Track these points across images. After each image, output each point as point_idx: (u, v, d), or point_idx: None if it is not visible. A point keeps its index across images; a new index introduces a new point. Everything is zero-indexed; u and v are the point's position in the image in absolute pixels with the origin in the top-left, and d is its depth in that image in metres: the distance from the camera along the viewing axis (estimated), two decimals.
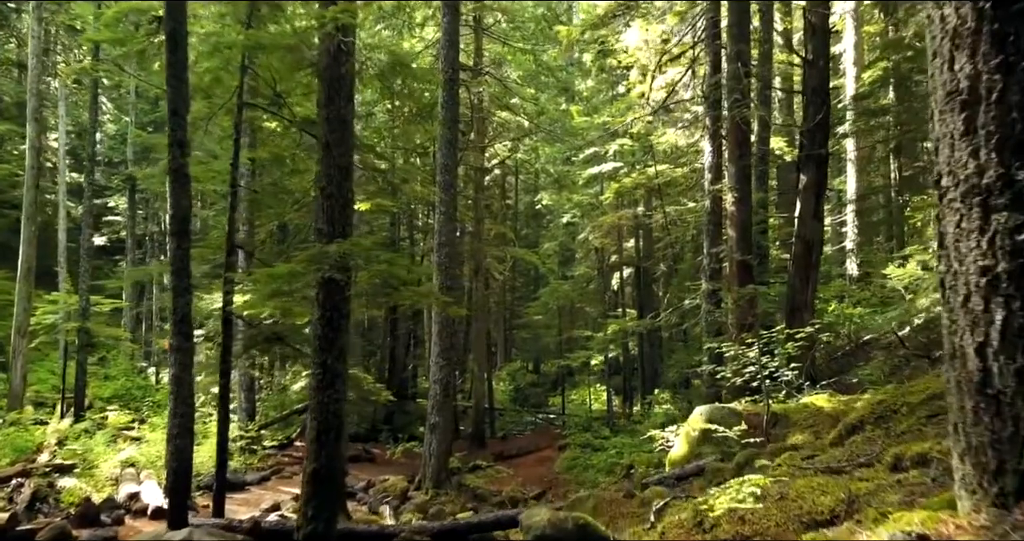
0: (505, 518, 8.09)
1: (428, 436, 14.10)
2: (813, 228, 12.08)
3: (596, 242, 24.84)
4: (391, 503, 12.91)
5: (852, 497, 3.11)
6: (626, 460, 15.64)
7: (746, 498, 3.18)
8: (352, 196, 7.09)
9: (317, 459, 6.59)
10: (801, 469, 4.42)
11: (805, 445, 6.66)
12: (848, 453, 4.59)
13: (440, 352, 14.06)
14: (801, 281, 12.06)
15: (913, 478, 3.12)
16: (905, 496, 2.84)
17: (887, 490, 3.10)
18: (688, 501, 4.45)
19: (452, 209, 14.27)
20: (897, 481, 3.18)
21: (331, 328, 6.81)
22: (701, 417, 8.52)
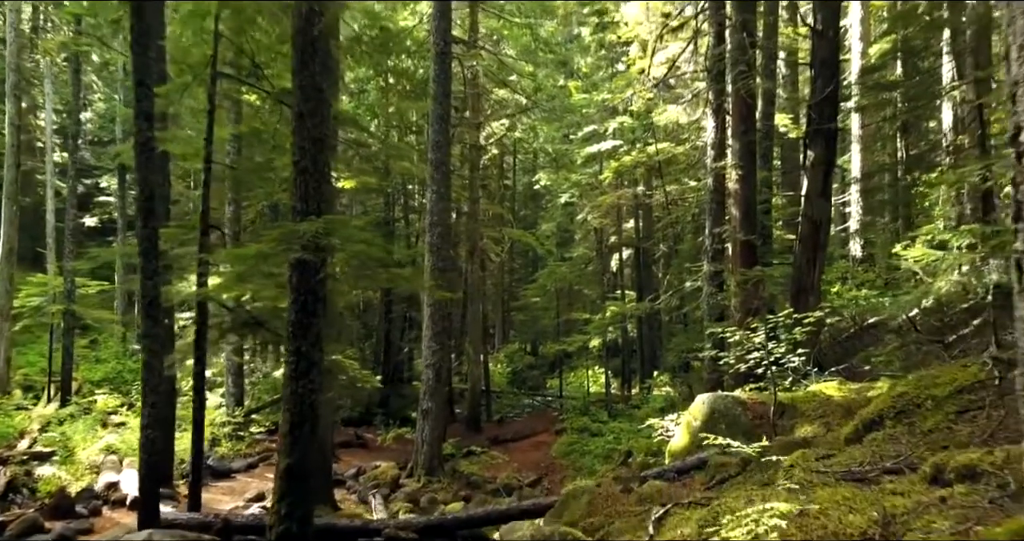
0: (495, 513, 7.65)
1: (420, 422, 13.67)
2: (820, 207, 11.56)
3: (595, 222, 24.30)
4: (381, 491, 12.50)
5: (887, 517, 2.64)
6: (624, 446, 15.24)
7: (768, 532, 2.71)
8: (328, 171, 6.56)
9: (291, 454, 6.13)
10: (819, 473, 3.94)
11: (816, 439, 6.19)
12: (870, 454, 4.11)
13: (433, 336, 13.59)
14: (807, 262, 11.55)
15: (961, 496, 2.65)
16: (957, 522, 2.37)
17: (930, 510, 2.62)
18: (691, 510, 3.98)
19: (445, 188, 13.73)
20: (940, 499, 2.71)
21: (305, 313, 6.31)
22: (703, 406, 8.06)
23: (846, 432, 5.30)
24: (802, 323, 8.04)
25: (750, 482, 5.46)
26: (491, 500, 13.17)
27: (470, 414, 20.53)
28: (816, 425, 6.83)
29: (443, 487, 13.34)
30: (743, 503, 3.50)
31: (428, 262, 13.62)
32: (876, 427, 4.97)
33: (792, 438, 6.52)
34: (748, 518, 2.82)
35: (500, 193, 30.13)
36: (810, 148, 11.84)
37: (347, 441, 17.37)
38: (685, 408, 16.12)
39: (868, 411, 5.19)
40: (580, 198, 25.53)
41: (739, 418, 7.70)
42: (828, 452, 4.58)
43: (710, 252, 12.55)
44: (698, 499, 4.83)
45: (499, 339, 35.90)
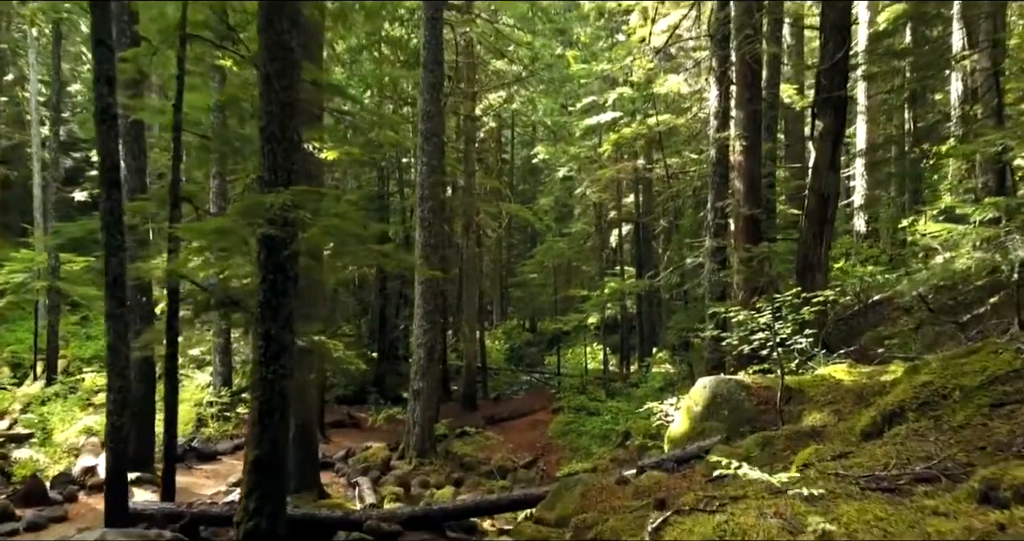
0: (485, 503, 7.23)
1: (412, 403, 13.26)
2: (829, 179, 10.99)
3: (594, 197, 23.73)
4: (371, 475, 12.11)
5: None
6: (622, 426, 14.85)
7: None
8: (299, 138, 6.02)
9: (259, 444, 5.67)
10: (838, 478, 3.47)
11: (827, 429, 5.73)
12: (895, 454, 3.64)
13: (424, 314, 13.12)
14: (814, 238, 11.03)
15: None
16: None
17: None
18: (692, 517, 3.52)
19: (436, 160, 13.16)
20: (999, 526, 2.23)
21: (275, 292, 5.82)
22: (705, 390, 7.61)
23: (862, 424, 4.83)
24: (810, 302, 7.56)
25: None
26: (484, 483, 12.83)
27: (465, 392, 20.16)
28: (826, 413, 6.37)
29: (435, 469, 12.97)
30: (754, 516, 3.03)
31: (420, 238, 13.11)
32: (897, 420, 4.49)
33: (800, 427, 6.07)
34: None
35: (498, 167, 29.48)
36: (818, 117, 11.24)
37: (339, 421, 17.00)
38: (685, 388, 15.75)
39: (888, 401, 4.72)
40: (579, 172, 24.92)
41: (742, 404, 7.25)
42: (844, 449, 4.10)
43: (712, 227, 12.03)
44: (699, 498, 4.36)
45: (497, 315, 35.51)
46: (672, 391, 15.89)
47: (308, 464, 10.38)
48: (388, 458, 12.92)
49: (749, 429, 7.03)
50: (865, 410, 5.39)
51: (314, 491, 10.32)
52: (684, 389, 15.77)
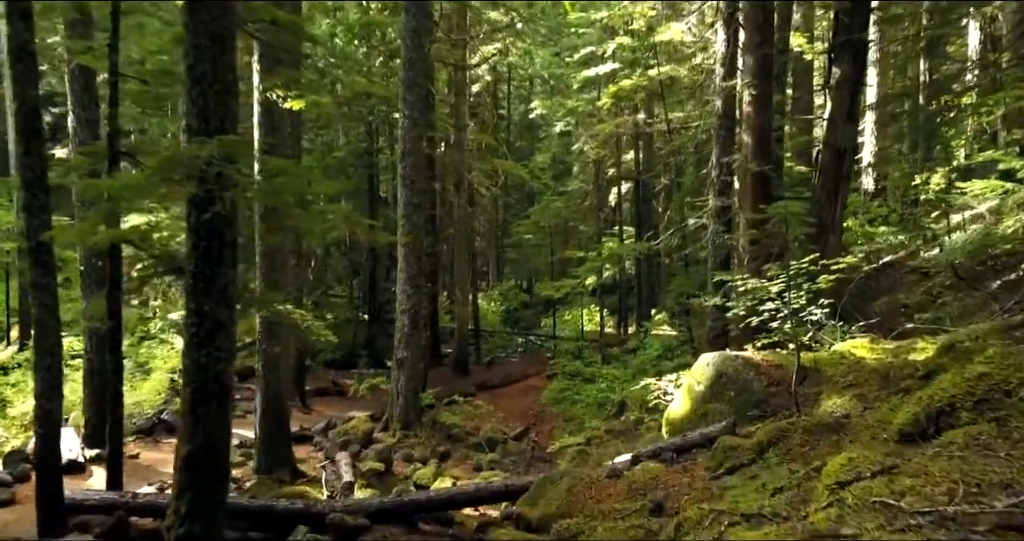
0: (461, 495, 6.49)
1: (395, 372, 12.51)
2: (845, 132, 10.06)
3: (592, 153, 22.67)
4: (351, 449, 11.42)
5: None
6: (617, 396, 14.15)
7: None
8: (235, 79, 5.08)
9: (192, 439, 4.88)
10: (888, 512, 2.66)
11: (853, 421, 4.93)
12: (959, 474, 2.83)
13: (408, 278, 12.27)
14: (828, 196, 10.15)
15: None
16: None
17: None
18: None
19: (419, 112, 12.16)
20: None
21: (209, 262, 4.95)
22: (708, 368, 6.81)
23: (900, 421, 4.02)
24: (828, 270, 6.71)
25: (771, 481, 4.22)
26: (472, 456, 12.16)
27: (457, 358, 19.45)
28: (848, 397, 5.58)
29: (420, 442, 12.28)
30: None
31: (402, 196, 12.20)
32: (947, 420, 3.68)
33: (819, 416, 5.27)
34: None
35: (494, 122, 28.32)
36: (835, 64, 10.25)
37: (323, 388, 16.31)
38: (684, 356, 15.02)
39: (932, 395, 3.90)
40: (576, 127, 23.81)
41: (750, 384, 6.45)
42: (886, 461, 3.29)
43: (717, 185, 11.11)
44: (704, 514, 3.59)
45: (493, 276, 34.72)
46: (671, 357, 15.18)
47: (280, 440, 9.68)
48: (370, 430, 12.22)
49: (758, 414, 6.26)
50: (902, 402, 4.58)
51: (286, 469, 9.64)
52: (684, 356, 15.11)
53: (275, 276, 9.24)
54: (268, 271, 9.24)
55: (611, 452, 10.99)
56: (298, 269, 14.33)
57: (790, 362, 6.58)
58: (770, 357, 6.71)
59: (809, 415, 5.44)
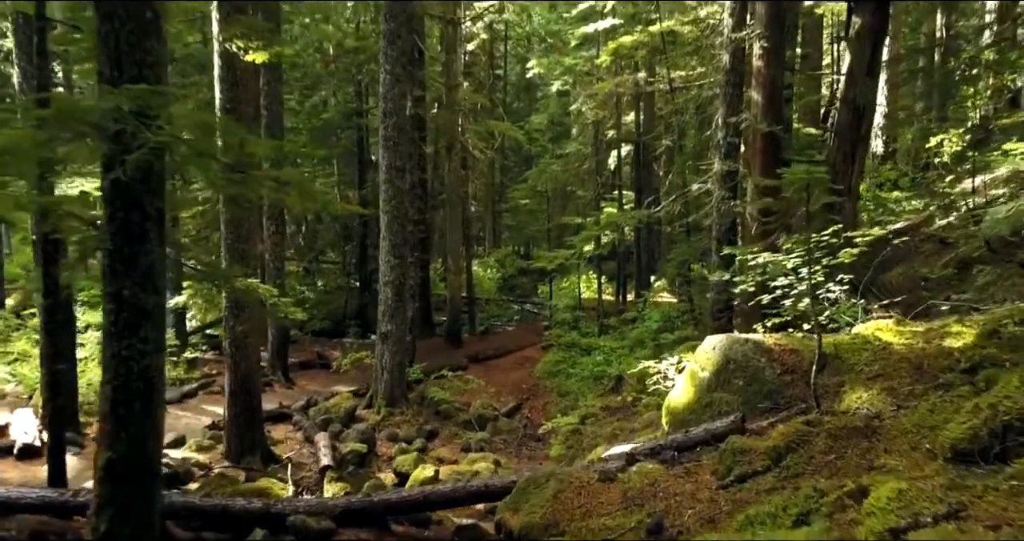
0: (436, 495, 5.81)
1: (380, 346, 11.83)
2: (866, 89, 9.19)
3: (591, 114, 21.67)
4: (332, 428, 10.80)
5: None
6: (614, 369, 13.51)
7: None
8: (158, 19, 4.24)
9: (113, 445, 4.17)
10: None
11: (887, 424, 4.21)
12: None
13: (391, 248, 11.51)
14: (844, 159, 9.33)
15: None
16: None
17: None
18: None
19: (401, 67, 11.25)
20: None
21: (128, 238, 4.19)
22: (714, 353, 6.08)
23: (955, 435, 3.31)
24: (852, 243, 5.94)
25: (793, 503, 3.52)
26: (461, 435, 11.55)
27: (450, 328, 18.77)
28: (876, 391, 4.86)
29: (406, 420, 11.67)
30: None
31: (383, 159, 11.36)
32: (1017, 438, 2.96)
33: (844, 415, 4.55)
34: None
35: (490, 83, 27.24)
36: (856, 13, 9.32)
37: (308, 361, 15.64)
38: (685, 327, 14.32)
39: (995, 403, 3.17)
40: (574, 86, 22.78)
41: (762, 372, 5.74)
42: (950, 499, 2.57)
43: (723, 147, 10.28)
44: None
45: (490, 242, 33.92)
46: (671, 329, 14.49)
47: (250, 423, 9.02)
48: (353, 408, 11.59)
49: (770, 406, 5.55)
50: (945, 403, 3.86)
51: (258, 453, 9.00)
52: (684, 328, 14.43)
53: (241, 247, 8.46)
54: (233, 242, 8.46)
55: (606, 434, 10.39)
56: (277, 237, 13.54)
57: (806, 347, 5.86)
58: (783, 341, 5.99)
59: (832, 413, 4.73)
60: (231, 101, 8.30)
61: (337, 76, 23.24)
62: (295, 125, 22.03)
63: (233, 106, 8.31)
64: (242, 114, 8.35)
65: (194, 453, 8.99)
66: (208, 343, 16.33)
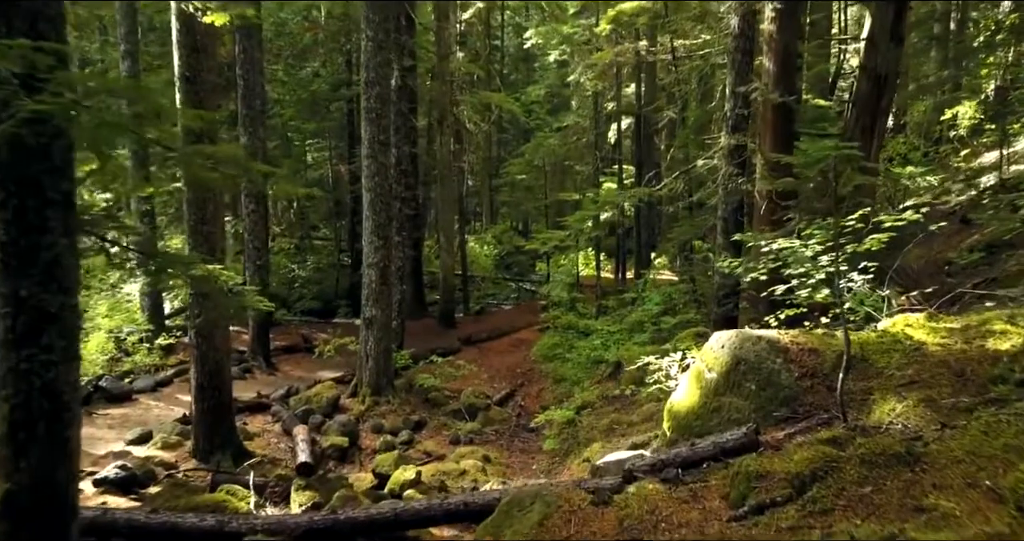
0: (408, 514, 5.17)
1: (364, 332, 11.18)
2: (889, 55, 8.39)
3: (590, 85, 20.79)
4: (313, 420, 10.19)
5: None
6: (612, 354, 12.86)
7: None
8: None
9: (13, 475, 3.50)
10: None
11: (932, 449, 3.54)
12: None
13: (375, 228, 10.80)
14: (863, 133, 8.56)
15: None
16: None
17: None
18: None
19: (384, 33, 10.43)
20: None
21: (25, 228, 3.49)
22: (723, 352, 5.41)
23: None
24: (880, 228, 5.23)
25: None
26: (450, 425, 10.95)
27: (443, 310, 18.12)
28: (912, 403, 4.20)
29: (392, 409, 11.05)
30: None
31: (366, 133, 10.60)
32: None
33: (880, 440, 3.87)
34: None
35: (487, 53, 26.28)
36: None
37: (292, 345, 14.98)
38: (687, 311, 13.65)
39: None
40: (573, 56, 21.85)
41: (777, 375, 5.06)
42: None
43: (730, 120, 9.51)
44: None
45: (488, 218, 33.16)
46: (673, 312, 13.82)
47: (220, 418, 8.39)
48: (337, 397, 10.97)
49: (787, 414, 4.89)
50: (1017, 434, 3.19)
51: (229, 450, 8.38)
52: (687, 312, 13.77)
53: (206, 229, 7.76)
54: (197, 224, 7.76)
55: (603, 426, 9.77)
56: (256, 215, 12.81)
57: (827, 346, 5.19)
58: (801, 338, 5.30)
59: (862, 430, 4.06)
60: (191, 68, 7.54)
61: (326, 46, 22.34)
62: (281, 97, 21.15)
63: (193, 74, 7.56)
64: (204, 82, 7.58)
65: (159, 451, 8.37)
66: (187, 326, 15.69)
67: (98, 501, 6.61)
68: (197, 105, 7.62)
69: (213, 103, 7.90)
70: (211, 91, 7.72)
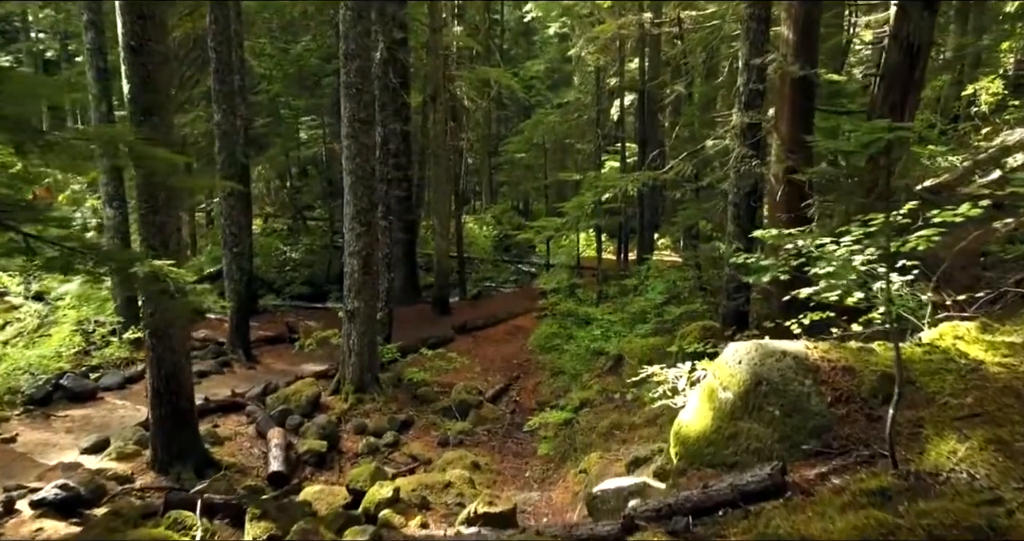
0: None
1: (347, 325, 10.41)
2: (923, 23, 7.51)
3: (591, 59, 19.83)
4: (290, 421, 9.46)
5: None
6: (613, 346, 12.10)
7: None
8: None
9: None
10: None
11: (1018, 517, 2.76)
12: None
13: (356, 214, 9.98)
14: (892, 110, 7.68)
15: None
16: None
17: None
18: None
19: (363, 0, 9.52)
20: None
21: None
22: (740, 368, 4.62)
23: None
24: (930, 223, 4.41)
25: None
26: (439, 424, 10.23)
27: (437, 295, 17.34)
28: (977, 443, 3.41)
29: (377, 408, 10.32)
30: None
31: (345, 110, 9.74)
32: None
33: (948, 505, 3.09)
34: None
35: (486, 27, 25.24)
36: None
37: (276, 336, 14.21)
38: (693, 301, 12.83)
39: None
40: (574, 29, 20.84)
41: (806, 399, 4.28)
42: None
43: (744, 95, 8.61)
44: None
45: (487, 197, 32.29)
46: (677, 302, 13.02)
47: (180, 426, 7.64)
48: (317, 395, 10.22)
49: (818, 447, 4.11)
50: None
51: (191, 460, 7.66)
52: (692, 302, 12.96)
53: (158, 219, 6.95)
54: (148, 213, 6.94)
55: (603, 428, 9.01)
56: (233, 199, 11.97)
57: (865, 364, 4.40)
58: (832, 354, 4.51)
59: (918, 480, 3.28)
60: (136, 37, 6.68)
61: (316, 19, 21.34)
62: (268, 72, 20.19)
63: (139, 44, 6.70)
64: (152, 53, 6.73)
65: (114, 462, 7.63)
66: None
67: (32, 527, 5.89)
68: (145, 78, 6.79)
69: (165, 76, 7.05)
70: (161, 63, 6.86)
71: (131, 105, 6.90)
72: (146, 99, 6.87)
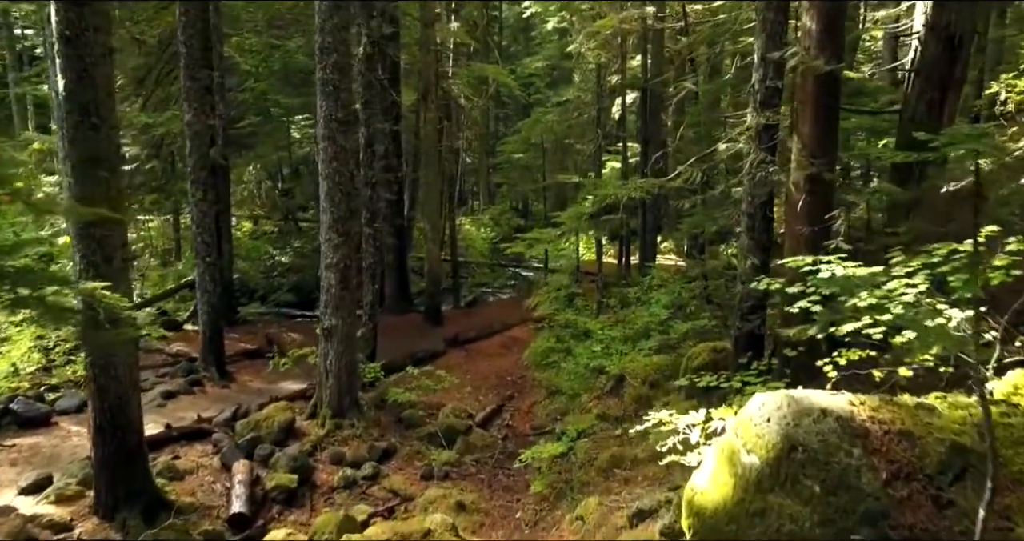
0: None
1: (323, 345, 9.57)
2: (964, 12, 6.65)
3: (591, 56, 18.94)
4: (259, 451, 8.62)
5: None
6: (614, 364, 11.24)
7: None
8: None
9: None
10: None
11: None
12: None
13: (333, 223, 9.13)
14: (929, 109, 6.88)
15: None
16: None
17: None
18: None
19: None
20: None
21: None
22: (769, 427, 3.76)
23: None
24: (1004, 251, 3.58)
25: None
26: (424, 453, 9.38)
27: (429, 305, 16.51)
28: None
29: (357, 434, 9.47)
30: None
31: (322, 109, 8.90)
32: None
33: None
34: None
35: (484, 23, 24.39)
36: None
37: (255, 349, 13.34)
38: (699, 315, 11.95)
39: None
40: (573, 24, 19.96)
41: (855, 475, 3.42)
42: None
43: (760, 93, 7.73)
44: None
45: (485, 198, 31.44)
46: (684, 316, 12.16)
47: (127, 465, 6.80)
48: (291, 421, 9.37)
49: (873, 538, 3.26)
50: None
51: (140, 502, 6.81)
52: (699, 316, 12.10)
53: (98, 233, 6.10)
54: (85, 225, 6.09)
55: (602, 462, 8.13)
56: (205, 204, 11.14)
57: (925, 429, 3.55)
58: (883, 413, 3.64)
59: None
60: (71, 26, 5.85)
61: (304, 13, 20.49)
62: (253, 69, 19.34)
63: (76, 34, 5.87)
64: (90, 44, 5.90)
65: (52, 505, 6.79)
66: (158, 321, 14.08)
67: None
68: (82, 73, 5.96)
69: (107, 70, 6.21)
70: (102, 55, 6.02)
71: (67, 103, 6.07)
72: (84, 97, 6.04)
